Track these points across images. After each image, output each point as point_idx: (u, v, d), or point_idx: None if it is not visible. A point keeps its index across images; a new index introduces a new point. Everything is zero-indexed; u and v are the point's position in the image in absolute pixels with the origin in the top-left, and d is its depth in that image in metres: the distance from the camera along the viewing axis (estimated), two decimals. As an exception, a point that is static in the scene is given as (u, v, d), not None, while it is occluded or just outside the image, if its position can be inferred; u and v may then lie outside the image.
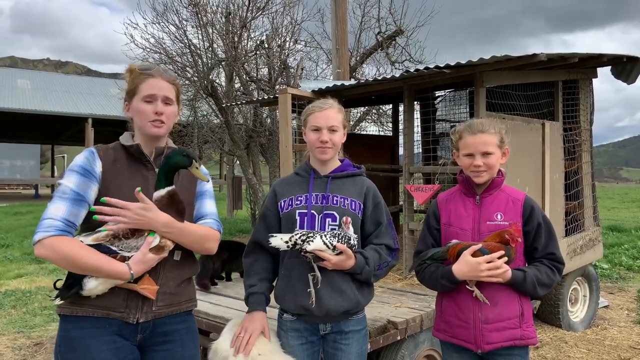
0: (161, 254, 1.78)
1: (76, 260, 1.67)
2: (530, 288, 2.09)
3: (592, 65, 5.08)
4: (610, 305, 6.19)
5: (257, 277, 2.23)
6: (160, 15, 9.35)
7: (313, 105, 2.25)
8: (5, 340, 4.86)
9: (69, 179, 1.77)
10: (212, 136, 10.71)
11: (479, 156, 2.14)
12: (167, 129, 1.93)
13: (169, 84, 1.91)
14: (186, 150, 1.88)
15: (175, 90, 1.94)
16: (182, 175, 1.94)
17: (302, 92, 4.87)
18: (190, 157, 1.84)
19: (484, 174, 2.16)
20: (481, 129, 2.15)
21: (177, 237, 1.81)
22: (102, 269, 1.69)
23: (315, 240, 2.00)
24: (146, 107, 1.86)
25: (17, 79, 26.17)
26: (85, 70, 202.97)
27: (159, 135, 1.91)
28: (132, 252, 1.74)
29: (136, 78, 1.89)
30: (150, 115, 1.86)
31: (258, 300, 2.19)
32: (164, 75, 1.90)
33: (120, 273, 1.71)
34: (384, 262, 2.19)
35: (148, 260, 1.75)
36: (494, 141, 2.15)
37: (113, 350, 1.76)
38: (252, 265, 2.26)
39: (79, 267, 1.69)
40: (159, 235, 1.76)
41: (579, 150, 5.23)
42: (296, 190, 2.22)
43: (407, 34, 10.49)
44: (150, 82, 1.87)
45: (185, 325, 1.96)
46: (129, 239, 1.74)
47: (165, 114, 1.88)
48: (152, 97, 1.86)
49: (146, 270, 1.77)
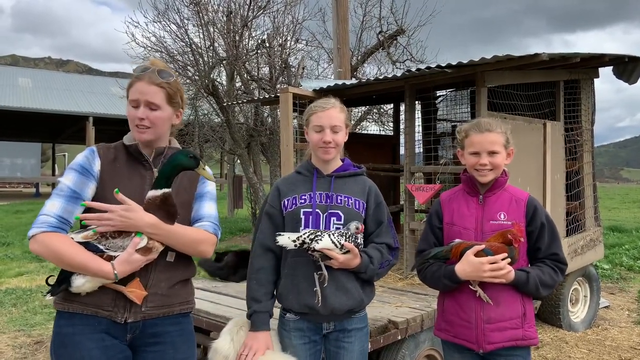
0: (149, 256, 1.76)
1: (64, 256, 1.68)
2: (533, 289, 2.09)
3: (594, 65, 5.08)
4: (610, 305, 6.18)
5: (263, 291, 2.18)
6: (161, 14, 9.39)
7: (315, 104, 2.24)
8: (6, 339, 4.86)
9: (67, 177, 1.79)
10: (213, 135, 10.72)
11: (485, 155, 2.13)
12: (154, 134, 1.89)
13: (156, 87, 1.84)
14: (192, 151, 1.86)
15: (164, 93, 1.86)
16: (183, 175, 1.90)
17: (303, 91, 4.87)
18: (197, 159, 1.83)
19: (489, 173, 2.15)
20: (489, 127, 2.15)
21: (165, 239, 1.78)
22: (87, 267, 1.69)
23: (323, 239, 2.00)
24: (132, 112, 1.86)
25: (18, 78, 26.19)
26: (86, 68, 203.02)
27: (145, 140, 1.88)
28: (119, 251, 1.73)
29: (129, 82, 1.89)
30: (134, 119, 1.85)
31: (263, 320, 2.16)
32: (152, 78, 1.84)
33: (104, 272, 1.70)
34: (386, 261, 2.20)
35: (134, 261, 1.73)
36: (501, 141, 2.14)
37: (102, 348, 1.75)
38: (257, 272, 2.21)
39: (66, 263, 1.70)
40: (146, 236, 1.74)
41: (580, 150, 5.22)
42: (300, 189, 2.21)
43: (408, 34, 10.49)
44: (136, 87, 1.85)
45: (179, 327, 1.92)
46: (116, 239, 1.74)
47: (149, 119, 1.84)
48: (136, 102, 1.85)
49: (132, 271, 1.75)
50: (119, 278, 1.73)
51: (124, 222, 1.71)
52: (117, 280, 1.73)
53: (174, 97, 1.90)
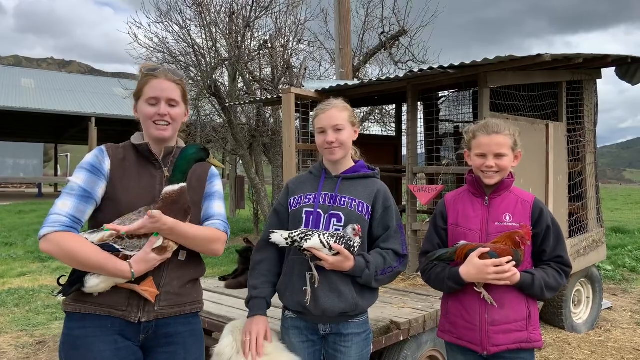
0: (164, 255, 1.78)
1: (79, 256, 1.68)
2: (538, 291, 2.08)
3: (597, 66, 5.06)
4: (613, 307, 6.16)
5: (262, 279, 2.22)
6: (164, 15, 9.38)
7: (317, 108, 2.27)
8: (9, 339, 4.87)
9: (77, 176, 1.79)
10: (215, 136, 10.71)
11: (491, 157, 2.12)
12: (174, 131, 1.92)
13: (174, 85, 1.88)
14: (200, 144, 1.90)
15: (180, 90, 1.91)
16: (191, 175, 1.91)
17: (306, 92, 4.88)
18: (206, 150, 1.88)
19: (495, 176, 2.14)
20: (497, 129, 2.13)
21: (180, 238, 1.80)
22: (103, 266, 1.69)
23: (312, 239, 1.99)
24: (150, 110, 1.86)
25: (21, 78, 26.26)
26: (89, 69, 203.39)
27: (164, 138, 1.89)
28: (135, 251, 1.74)
29: (142, 80, 1.89)
30: (153, 117, 1.86)
31: (259, 305, 2.18)
32: (168, 76, 1.88)
33: (121, 271, 1.71)
34: (389, 268, 2.15)
35: (150, 260, 1.74)
36: (508, 143, 2.13)
37: (114, 350, 1.76)
38: (258, 264, 2.26)
39: (81, 263, 1.70)
40: (163, 236, 1.76)
41: (582, 151, 5.21)
42: (307, 189, 2.23)
43: (410, 34, 10.46)
44: (153, 84, 1.86)
45: (189, 327, 1.94)
46: (133, 239, 1.74)
47: (170, 115, 1.87)
48: (156, 99, 1.85)
49: (148, 270, 1.77)
50: (135, 277, 1.74)
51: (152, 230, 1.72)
52: (134, 279, 1.74)
53: (186, 94, 1.96)
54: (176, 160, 1.83)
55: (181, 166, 1.81)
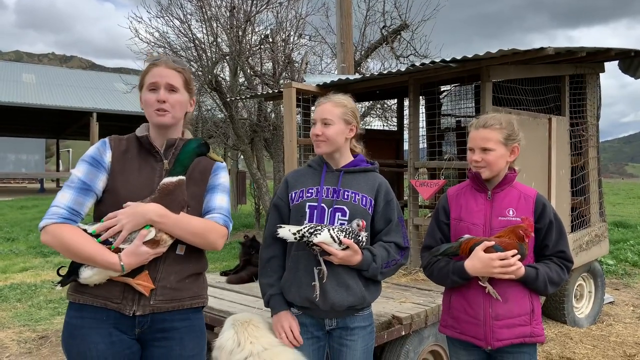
0: (157, 249, 1.76)
1: (72, 248, 1.69)
2: (542, 286, 2.08)
3: (600, 59, 5.04)
4: (615, 301, 6.17)
5: (275, 277, 2.22)
6: (164, 9, 9.35)
7: (317, 100, 2.28)
8: (11, 334, 4.89)
9: (78, 169, 1.81)
10: (216, 131, 10.70)
11: (477, 151, 2.13)
12: (174, 118, 1.89)
13: (174, 72, 1.88)
14: (201, 138, 1.90)
15: (182, 77, 1.89)
16: (194, 167, 1.90)
17: (307, 86, 4.86)
18: (207, 145, 1.89)
19: (484, 170, 2.14)
20: (484, 124, 2.13)
21: (172, 228, 1.76)
22: (94, 258, 1.69)
23: (322, 233, 1.99)
24: (150, 97, 1.86)
25: (22, 74, 26.27)
26: (90, 64, 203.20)
27: (164, 124, 1.88)
28: (127, 244, 1.73)
29: (144, 70, 1.89)
30: (153, 103, 1.85)
31: (279, 301, 2.20)
32: (168, 63, 1.88)
33: (111, 263, 1.70)
34: (392, 260, 2.16)
35: (141, 253, 1.72)
36: (496, 137, 2.11)
37: (108, 344, 1.76)
38: (268, 261, 2.24)
39: (74, 254, 1.71)
40: (155, 227, 1.73)
41: (585, 146, 5.19)
42: (308, 183, 2.22)
43: (412, 28, 10.43)
44: (153, 71, 1.86)
45: (188, 323, 1.90)
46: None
47: (169, 101, 1.85)
48: (155, 84, 1.85)
49: (140, 264, 1.75)
50: (125, 270, 1.72)
51: (133, 219, 1.71)
52: (124, 272, 1.73)
53: (189, 82, 1.94)
54: (178, 154, 1.83)
55: (182, 160, 1.81)
